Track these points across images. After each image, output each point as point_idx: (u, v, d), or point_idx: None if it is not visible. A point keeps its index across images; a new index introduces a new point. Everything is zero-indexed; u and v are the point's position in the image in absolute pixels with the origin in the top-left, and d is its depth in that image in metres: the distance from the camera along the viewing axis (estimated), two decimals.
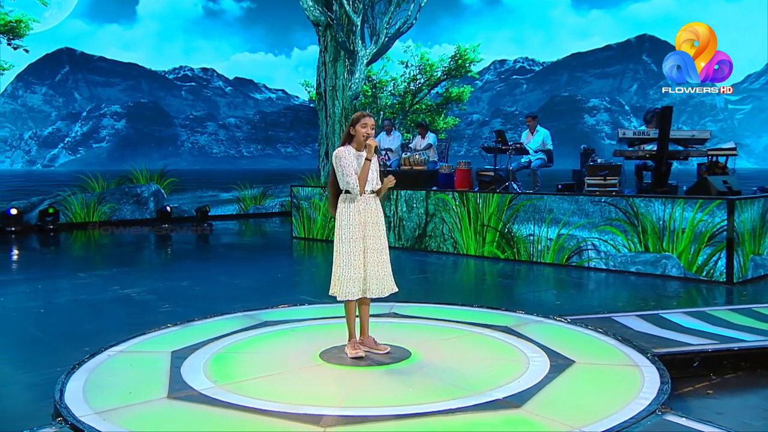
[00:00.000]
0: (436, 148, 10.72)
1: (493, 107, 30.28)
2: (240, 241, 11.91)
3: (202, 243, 11.56)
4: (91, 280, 7.17)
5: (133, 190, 14.84)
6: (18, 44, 13.52)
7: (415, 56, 20.69)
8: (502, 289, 6.83)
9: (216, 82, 24.57)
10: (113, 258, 9.55)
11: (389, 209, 9.81)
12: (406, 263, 8.59)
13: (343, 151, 3.89)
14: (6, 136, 15.59)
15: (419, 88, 20.78)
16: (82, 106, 18.04)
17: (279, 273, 7.63)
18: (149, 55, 19.89)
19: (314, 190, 11.11)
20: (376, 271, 3.87)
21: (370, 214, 3.89)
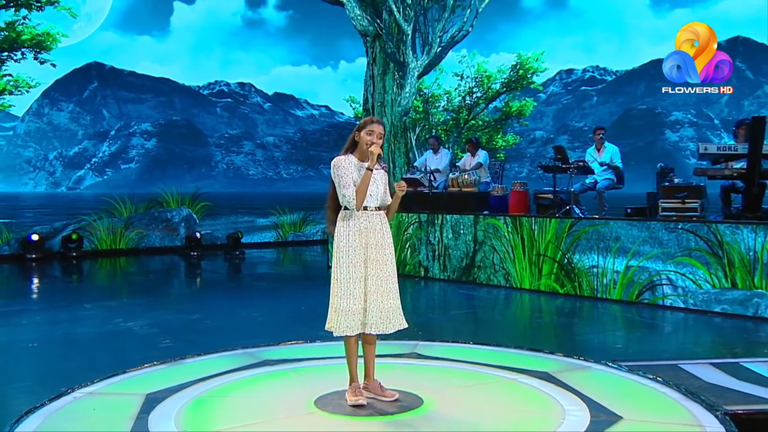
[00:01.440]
0: (488, 167, 10.46)
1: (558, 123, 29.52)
2: (271, 270, 11.92)
3: (229, 272, 11.61)
4: (96, 311, 7.23)
5: (163, 215, 15.06)
6: (45, 59, 14.04)
7: (470, 67, 20.46)
8: (557, 329, 6.49)
9: (254, 98, 24.98)
10: (128, 288, 9.66)
11: (433, 236, 9.57)
12: (452, 297, 8.39)
13: (341, 160, 3.74)
14: (30, 156, 16.26)
15: (475, 102, 20.52)
16: (110, 124, 18.67)
17: (302, 306, 7.48)
18: (183, 69, 20.49)
19: None
20: (380, 302, 3.66)
21: (373, 234, 3.70)
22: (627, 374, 4.21)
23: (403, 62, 15.50)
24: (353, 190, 3.66)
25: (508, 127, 21.17)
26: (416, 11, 15.65)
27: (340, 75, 23.51)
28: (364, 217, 3.71)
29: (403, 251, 9.95)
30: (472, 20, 15.54)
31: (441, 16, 15.84)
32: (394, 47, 15.36)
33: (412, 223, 9.85)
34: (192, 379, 4.06)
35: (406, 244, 9.92)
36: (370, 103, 15.95)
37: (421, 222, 9.72)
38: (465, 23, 15.55)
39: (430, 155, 11.07)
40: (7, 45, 13.36)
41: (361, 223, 3.70)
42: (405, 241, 9.94)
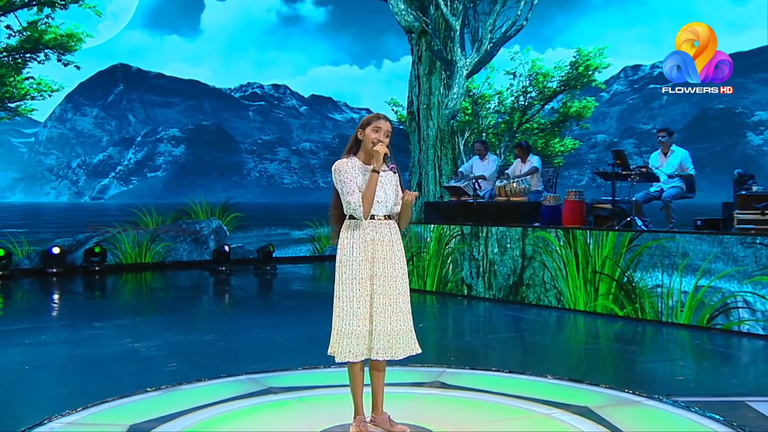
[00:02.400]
0: (540, 174, 10.22)
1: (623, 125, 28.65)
2: (303, 287, 11.86)
3: (256, 289, 11.59)
4: (105, 330, 7.26)
5: (192, 227, 15.18)
6: (69, 60, 14.32)
7: (524, 64, 20.08)
8: (613, 357, 6.18)
9: (289, 101, 25.04)
10: (146, 305, 9.72)
11: (478, 250, 9.34)
12: (496, 319, 8.20)
13: (344, 164, 3.61)
14: (52, 164, 16.55)
15: (530, 103, 20.13)
16: (136, 129, 18.94)
17: (329, 327, 7.29)
18: (213, 71, 20.61)
19: None
20: (387, 323, 3.52)
21: (381, 246, 3.58)
22: (683, 412, 3.94)
23: (450, 60, 15.36)
24: (358, 196, 3.53)
25: (567, 131, 20.68)
26: (465, 5, 15.46)
27: (383, 75, 23.34)
28: (372, 227, 3.59)
29: (444, 267, 9.76)
30: (526, 13, 15.21)
31: (492, 10, 15.57)
32: (441, 44, 15.24)
33: (455, 236, 9.65)
34: (184, 408, 3.96)
35: (448, 260, 9.72)
36: (414, 106, 15.82)
37: (464, 235, 9.51)
38: (518, 17, 15.24)
39: (476, 161, 10.93)
40: (29, 45, 13.69)
41: (368, 234, 3.57)
42: (446, 255, 9.75)
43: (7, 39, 13.44)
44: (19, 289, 11.36)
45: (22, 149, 16.17)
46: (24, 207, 14.63)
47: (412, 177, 16.33)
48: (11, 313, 8.99)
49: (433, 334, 7.16)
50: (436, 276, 9.86)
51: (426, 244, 10.03)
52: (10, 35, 13.44)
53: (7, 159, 15.27)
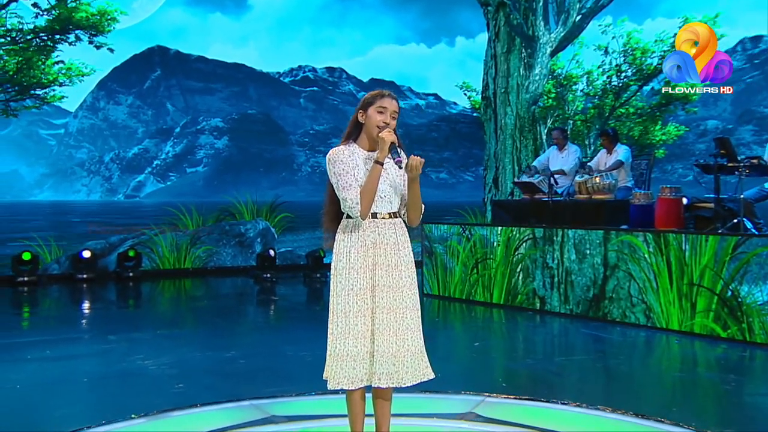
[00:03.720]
0: (628, 167, 9.89)
1: (740, 108, 27.25)
2: None
3: (300, 299, 11.56)
4: (118, 345, 7.35)
5: (236, 229, 15.29)
6: (101, 42, 14.62)
7: (618, 38, 19.50)
8: (715, 389, 5.82)
9: (345, 86, 25.00)
10: (171, 317, 9.86)
11: (552, 257, 9.08)
12: (572, 338, 8.01)
13: (340, 152, 3.45)
14: (83, 159, 16.99)
15: (625, 84, 19.53)
16: (175, 119, 19.24)
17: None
18: (261, 53, 20.70)
19: (452, 229, 10.61)
20: (392, 343, 3.39)
21: (384, 250, 3.45)
22: None
23: (532, 36, 15.19)
24: (356, 191, 3.37)
25: (670, 116, 19.96)
26: None
27: (454, 55, 22.96)
28: (373, 228, 3.45)
29: (513, 276, 9.54)
30: None
31: None
32: (522, 18, 15.09)
33: (525, 239, 9.39)
34: None
35: (517, 268, 9.49)
36: (490, 90, 15.73)
37: (536, 239, 9.24)
38: None
39: (554, 153, 10.76)
40: (58, 26, 14.04)
41: (368, 236, 3.43)
42: (515, 263, 9.52)
43: (35, 19, 13.81)
44: (43, 296, 11.65)
45: (50, 142, 16.69)
46: (53, 206, 15.06)
47: (487, 173, 16.17)
48: (25, 324, 9.22)
49: (489, 355, 6.98)
50: (504, 287, 9.66)
51: (492, 250, 9.81)
52: (38, 14, 13.81)
53: (34, 153, 15.77)
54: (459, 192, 22.26)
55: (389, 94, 3.51)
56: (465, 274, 10.27)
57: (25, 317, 9.93)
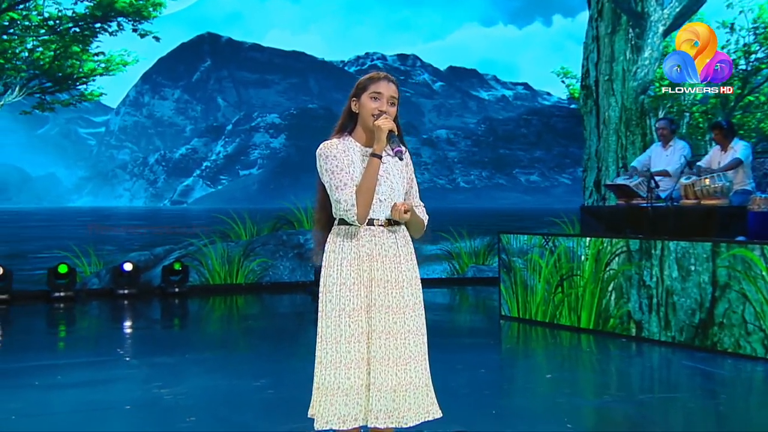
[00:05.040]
0: (748, 167, 9.57)
1: None
2: (429, 319, 11.59)
3: None
4: (137, 370, 7.52)
5: (294, 239, 15.36)
6: (146, 30, 14.87)
7: (747, 13, 18.80)
8: None
9: (419, 75, 24.82)
10: (208, 339, 10.00)
11: (650, 273, 8.73)
12: (675, 371, 7.82)
13: (332, 147, 3.45)
14: (125, 160, 17.32)
15: (755, 67, 18.75)
16: (226, 116, 19.40)
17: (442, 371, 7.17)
18: (323, 39, 20.67)
19: (532, 240, 10.40)
20: (392, 375, 3.34)
21: (383, 263, 3.42)
22: None
23: (641, 13, 15.15)
24: (351, 192, 3.34)
25: None
26: None
27: (550, 37, 22.35)
28: (369, 237, 3.42)
29: (604, 296, 9.27)
30: None
31: None
32: None
33: (618, 253, 9.12)
34: None
35: (609, 286, 9.22)
36: (592, 77, 15.65)
37: (630, 252, 8.97)
38: None
39: (657, 150, 10.62)
40: (99, 13, 14.36)
41: (364, 246, 3.40)
42: (606, 280, 9.25)
43: (74, 5, 14.16)
44: (80, 314, 11.95)
45: (90, 141, 17.06)
46: (92, 213, 15.38)
47: (586, 174, 15.96)
48: (47, 345, 9.38)
49: (562, 389, 6.73)
50: (593, 308, 9.40)
51: (580, 264, 9.57)
52: (77, 0, 14.15)
53: (73, 154, 16.17)
54: (553, 197, 21.80)
55: (385, 77, 3.48)
56: (548, 293, 10.07)
57: (51, 337, 10.14)
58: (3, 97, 14.01)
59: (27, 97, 14.24)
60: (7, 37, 14.05)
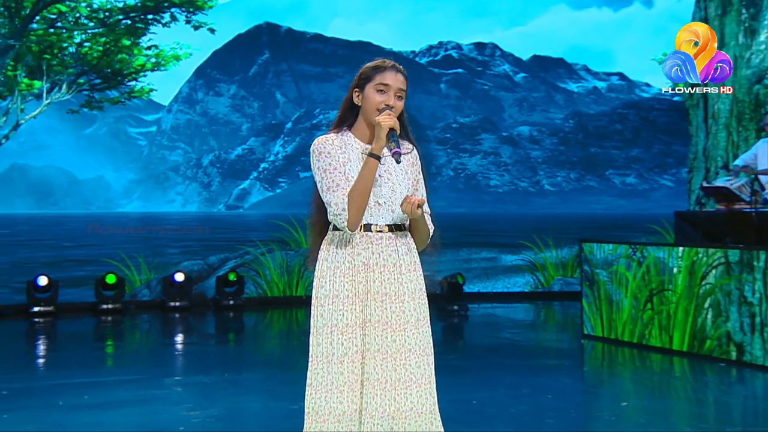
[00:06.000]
0: None
1: None
2: (505, 338, 11.55)
3: None
4: (170, 390, 7.58)
5: None
6: (200, 22, 15.01)
7: None
8: None
9: (499, 66, 24.64)
10: (255, 356, 10.10)
11: (752, 289, 8.39)
12: None
13: (328, 143, 3.44)
14: (178, 161, 17.54)
15: None
16: (285, 113, 19.53)
17: (475, 399, 7.16)
18: (391, 27, 20.63)
19: (618, 249, 10.11)
20: (389, 398, 3.30)
21: (381, 273, 3.40)
22: None
23: None
24: (344, 194, 3.33)
25: None
26: None
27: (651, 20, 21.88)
28: (365, 244, 3.40)
29: (699, 314, 8.99)
30: None
31: None
32: None
33: (715, 264, 8.83)
34: None
35: (705, 303, 8.94)
36: None
37: (729, 264, 8.66)
38: None
39: (765, 146, 10.03)
40: (152, 3, 14.55)
41: (359, 255, 3.39)
42: (702, 296, 8.97)
43: None
44: (122, 328, 12.12)
45: (140, 142, 17.38)
46: (142, 218, 15.62)
47: (692, 175, 15.62)
48: (84, 362, 9.41)
49: (648, 421, 6.53)
50: (687, 328, 9.11)
51: (672, 278, 9.29)
52: None
53: (122, 155, 16.45)
54: (653, 201, 21.43)
55: (393, 66, 3.44)
56: (636, 309, 9.80)
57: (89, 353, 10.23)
58: (50, 95, 14.27)
59: (75, 94, 14.48)
60: (54, 30, 14.32)
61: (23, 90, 14.05)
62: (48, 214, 15.11)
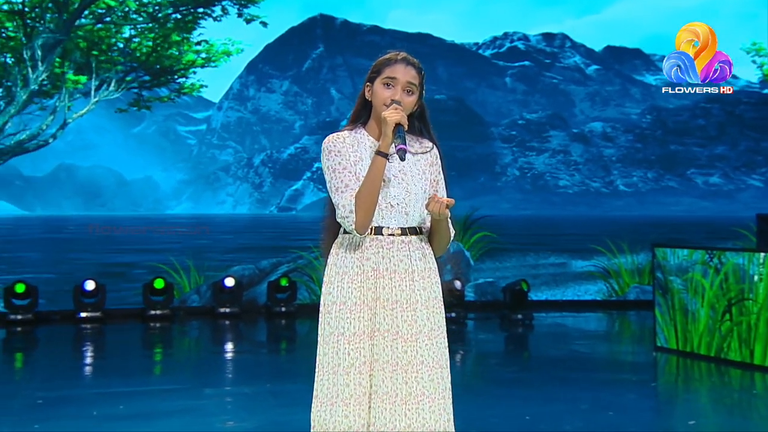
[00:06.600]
0: None
1: None
2: (555, 348, 11.45)
3: (485, 348, 11.56)
4: (209, 401, 7.60)
5: None
6: (253, 15, 15.06)
7: None
8: None
9: (569, 58, 24.32)
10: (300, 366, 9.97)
11: None
12: None
13: (338, 141, 3.41)
14: (228, 161, 17.61)
15: None
16: (340, 110, 19.50)
17: (534, 417, 7.00)
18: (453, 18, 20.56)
19: (693, 255, 9.86)
20: (396, 415, 3.24)
21: (391, 280, 3.34)
22: None
23: None
24: (352, 194, 3.29)
25: None
26: None
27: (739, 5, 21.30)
28: (375, 249, 3.36)
29: None
30: None
31: None
32: None
33: None
34: None
35: None
36: None
37: None
38: None
39: None
40: None
41: (368, 260, 3.35)
42: None
43: None
44: (169, 335, 12.29)
45: (190, 141, 17.48)
46: (191, 220, 15.69)
47: None
48: (125, 370, 9.53)
49: None
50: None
51: (752, 286, 9.02)
52: None
53: (171, 155, 16.57)
54: (740, 203, 20.97)
55: (403, 58, 3.39)
56: (713, 320, 9.55)
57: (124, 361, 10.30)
58: (98, 93, 14.44)
59: (123, 92, 14.64)
60: (103, 26, 14.48)
61: (70, 87, 14.22)
62: (96, 216, 15.28)
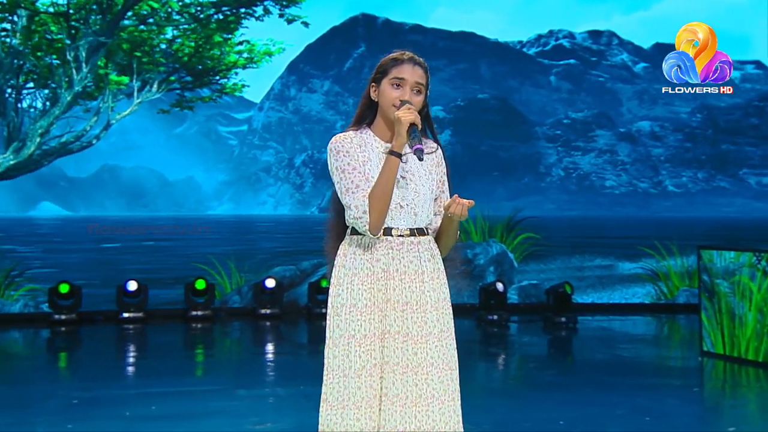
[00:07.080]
0: None
1: None
2: (598, 352, 11.36)
3: (528, 351, 11.55)
4: (241, 402, 7.66)
5: (461, 253, 15.12)
6: (294, 15, 15.06)
7: None
8: None
9: (616, 56, 24.05)
10: None
11: None
12: None
13: (346, 141, 3.42)
14: (270, 162, 17.66)
15: None
16: None
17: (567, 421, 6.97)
18: (497, 16, 20.38)
19: (740, 257, 9.73)
20: (407, 417, 3.24)
21: (401, 281, 3.35)
22: None
23: None
24: (365, 195, 3.29)
25: None
26: None
27: None
28: (385, 250, 3.36)
29: None
30: None
31: None
32: None
33: None
34: None
35: None
36: None
37: None
38: None
39: None
40: None
41: (379, 261, 3.35)
42: None
43: None
44: (209, 336, 12.37)
45: (231, 141, 17.57)
46: (232, 221, 15.77)
47: None
48: (162, 370, 9.61)
49: None
50: None
51: None
52: None
53: (212, 155, 16.68)
54: None
55: (410, 58, 3.42)
56: (761, 324, 9.42)
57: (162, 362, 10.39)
58: (140, 94, 14.56)
59: (165, 93, 14.75)
60: (146, 27, 14.60)
61: (113, 88, 14.35)
62: (139, 217, 15.41)
